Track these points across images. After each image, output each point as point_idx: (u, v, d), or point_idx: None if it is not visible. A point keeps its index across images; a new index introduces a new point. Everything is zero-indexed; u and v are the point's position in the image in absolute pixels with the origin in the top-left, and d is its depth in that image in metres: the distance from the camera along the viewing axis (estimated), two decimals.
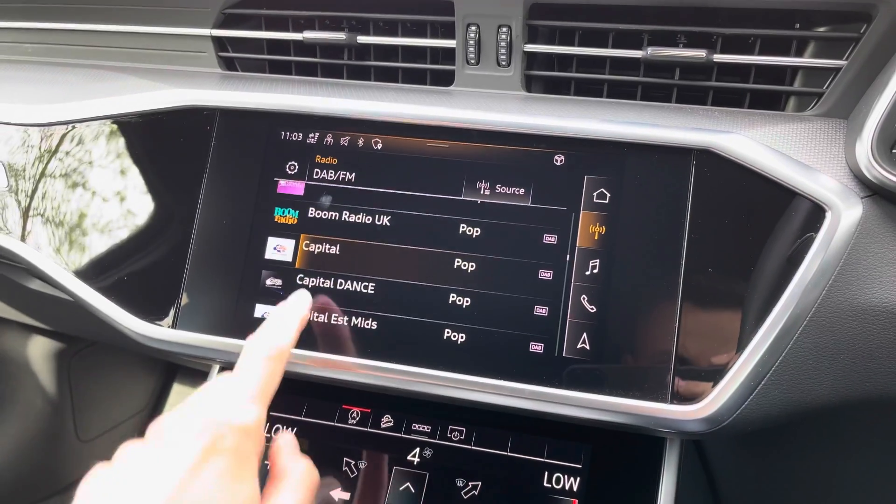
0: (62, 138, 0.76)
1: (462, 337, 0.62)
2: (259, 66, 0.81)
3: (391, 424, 0.70)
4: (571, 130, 0.63)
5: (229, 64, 0.81)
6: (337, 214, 0.66)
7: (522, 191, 0.63)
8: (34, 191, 0.76)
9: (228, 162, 0.69)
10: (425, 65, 0.74)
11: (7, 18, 0.88)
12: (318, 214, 0.67)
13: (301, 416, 0.71)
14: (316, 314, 0.65)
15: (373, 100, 0.68)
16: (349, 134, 0.68)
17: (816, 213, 0.57)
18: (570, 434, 0.66)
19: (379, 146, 0.67)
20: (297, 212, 0.67)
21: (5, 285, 0.99)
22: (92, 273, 0.72)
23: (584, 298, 0.61)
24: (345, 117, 0.68)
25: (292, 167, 0.68)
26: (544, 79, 0.72)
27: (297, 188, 0.68)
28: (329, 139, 0.68)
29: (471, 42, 0.70)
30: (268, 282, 0.66)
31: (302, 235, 0.67)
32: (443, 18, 0.71)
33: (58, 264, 0.73)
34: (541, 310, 0.61)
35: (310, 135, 0.68)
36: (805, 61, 0.65)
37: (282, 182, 0.68)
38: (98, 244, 0.73)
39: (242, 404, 0.49)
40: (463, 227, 0.64)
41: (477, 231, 0.64)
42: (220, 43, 0.80)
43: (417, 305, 0.63)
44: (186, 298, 0.68)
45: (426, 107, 0.67)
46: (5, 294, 1.08)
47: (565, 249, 0.62)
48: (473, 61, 0.71)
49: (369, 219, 0.66)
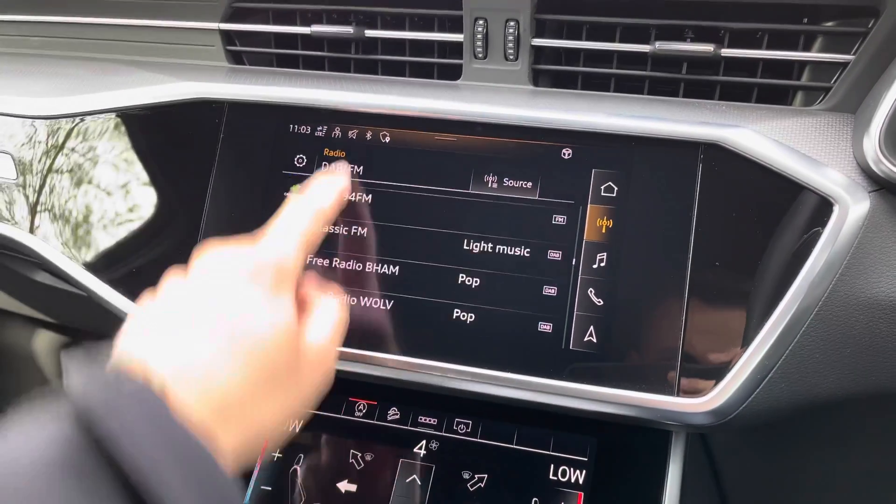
0: (71, 131, 0.76)
1: (471, 316, 0.63)
2: (267, 60, 0.81)
3: (398, 417, 0.70)
4: (579, 124, 0.63)
5: (237, 58, 0.81)
6: (345, 203, 0.66)
7: (530, 184, 0.64)
8: (43, 183, 0.77)
9: (237, 155, 0.70)
10: (433, 59, 0.74)
11: (15, 11, 0.88)
12: None
13: None
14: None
15: (380, 93, 0.68)
16: (357, 127, 0.68)
17: (824, 208, 0.57)
18: (576, 427, 0.66)
19: (387, 139, 0.67)
20: None
21: (11, 278, 0.99)
22: (101, 265, 0.73)
23: (592, 291, 0.61)
24: (353, 111, 0.68)
25: (300, 160, 0.68)
26: (552, 73, 0.73)
27: None
28: (337, 132, 0.68)
29: (478, 36, 0.70)
30: None
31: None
32: (450, 13, 0.71)
33: (67, 256, 0.74)
34: (548, 303, 0.62)
35: (318, 128, 0.68)
36: (813, 56, 0.65)
37: (290, 175, 0.68)
38: (107, 236, 0.73)
39: (282, 245, 0.50)
40: (472, 214, 0.64)
41: (484, 225, 0.64)
42: (228, 37, 0.80)
43: (427, 287, 0.64)
44: None
45: (434, 100, 0.67)
46: (11, 287, 1.08)
47: (573, 242, 0.62)
48: (481, 55, 0.71)
49: (377, 208, 0.66)
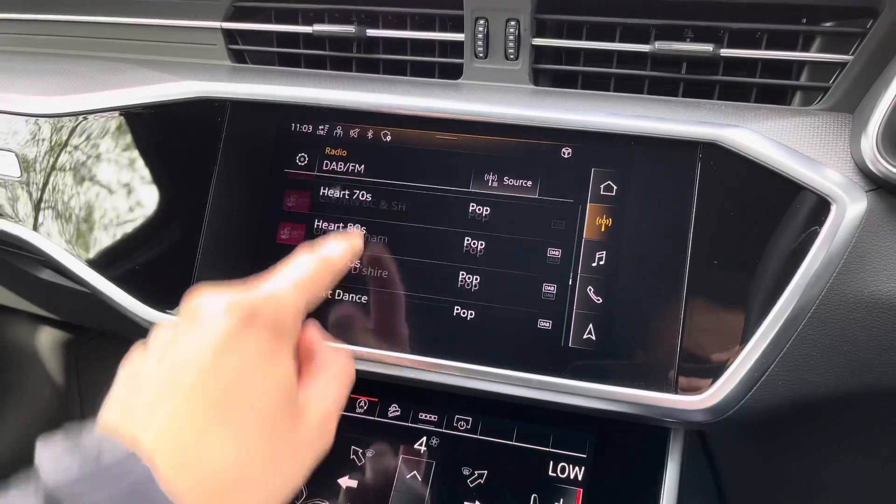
0: (74, 129, 0.77)
1: (471, 314, 0.63)
2: (268, 59, 0.81)
3: (398, 414, 0.70)
4: (579, 123, 0.63)
5: (239, 56, 0.81)
6: (347, 202, 0.67)
7: (530, 183, 0.64)
8: (46, 181, 0.77)
9: (239, 153, 0.70)
10: (434, 58, 0.75)
11: (18, 10, 0.89)
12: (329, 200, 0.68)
13: None
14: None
15: (382, 92, 0.69)
16: (358, 126, 0.68)
17: (821, 207, 0.58)
18: (575, 424, 0.67)
19: (388, 138, 0.67)
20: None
21: (14, 275, 1.00)
22: (104, 262, 0.73)
23: (591, 289, 0.62)
24: (354, 109, 0.68)
25: (302, 159, 0.69)
26: (552, 72, 0.73)
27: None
28: (339, 131, 0.69)
29: (479, 36, 0.70)
30: None
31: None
32: (451, 12, 0.71)
33: (71, 253, 0.74)
34: (548, 301, 0.62)
35: (319, 127, 0.69)
36: (811, 56, 0.65)
37: (292, 173, 0.69)
38: (110, 233, 0.73)
39: (281, 287, 0.46)
40: (472, 212, 0.64)
41: (485, 223, 0.64)
42: (230, 35, 0.80)
43: (427, 284, 0.64)
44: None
45: (435, 99, 0.67)
46: (14, 284, 1.09)
47: (572, 241, 0.62)
48: (482, 55, 0.71)
49: (378, 206, 0.66)
